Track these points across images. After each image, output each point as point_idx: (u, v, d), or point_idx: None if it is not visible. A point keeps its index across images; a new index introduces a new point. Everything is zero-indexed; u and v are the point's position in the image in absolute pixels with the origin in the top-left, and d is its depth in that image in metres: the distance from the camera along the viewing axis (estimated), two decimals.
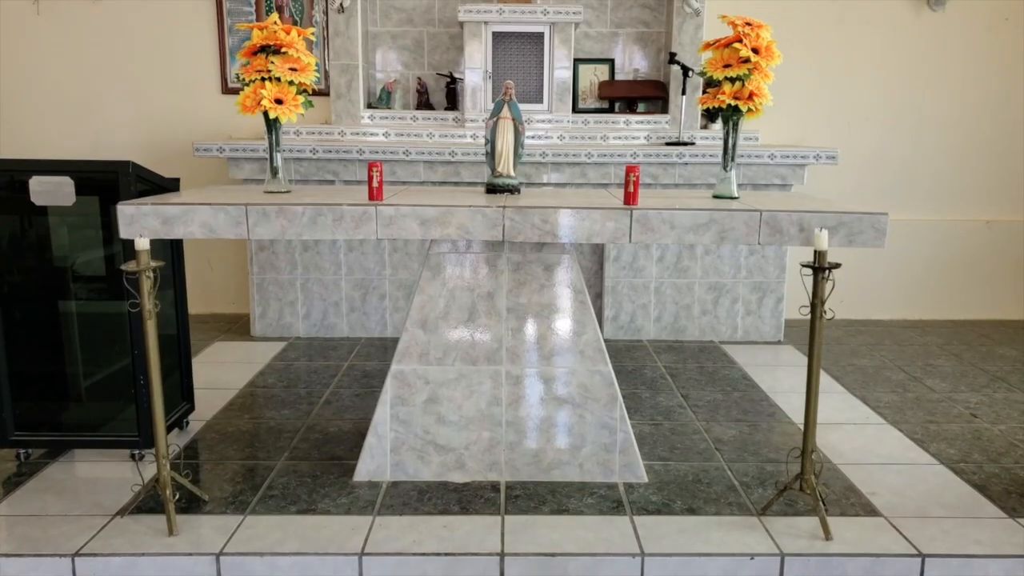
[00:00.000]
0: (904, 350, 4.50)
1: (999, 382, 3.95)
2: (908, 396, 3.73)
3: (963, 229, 5.09)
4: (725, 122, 2.71)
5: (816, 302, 2.36)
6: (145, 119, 4.91)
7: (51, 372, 2.90)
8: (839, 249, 2.40)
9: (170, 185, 2.90)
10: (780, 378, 3.96)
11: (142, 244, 2.28)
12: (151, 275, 2.31)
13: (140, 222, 2.39)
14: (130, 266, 2.30)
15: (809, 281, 2.37)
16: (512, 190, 2.75)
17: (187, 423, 3.25)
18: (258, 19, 4.76)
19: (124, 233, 2.39)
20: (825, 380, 3.88)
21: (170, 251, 3.02)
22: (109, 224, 2.74)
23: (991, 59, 4.92)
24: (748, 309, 4.60)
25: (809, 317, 2.37)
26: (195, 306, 4.16)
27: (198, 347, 4.31)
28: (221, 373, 3.95)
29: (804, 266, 2.37)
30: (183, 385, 3.22)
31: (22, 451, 2.90)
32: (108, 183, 2.64)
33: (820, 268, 2.33)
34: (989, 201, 5.09)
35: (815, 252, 2.34)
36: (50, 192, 2.64)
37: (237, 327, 4.81)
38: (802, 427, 2.50)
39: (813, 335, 2.39)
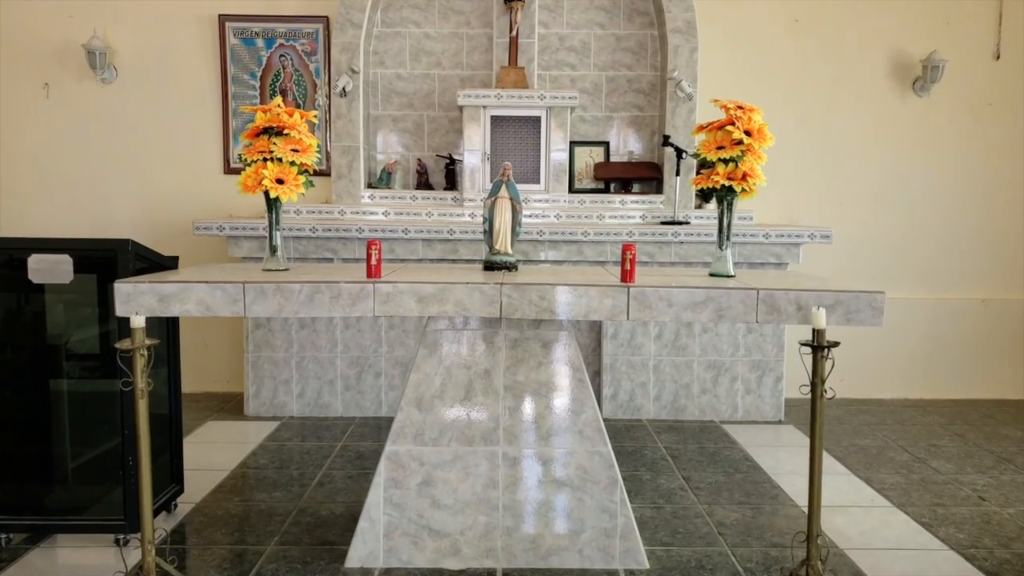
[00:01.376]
0: (907, 430, 4.43)
1: (1005, 463, 3.88)
2: (913, 478, 3.65)
3: (959, 308, 5.10)
4: (719, 202, 2.74)
5: (816, 381, 2.34)
6: (147, 198, 4.98)
7: (37, 453, 2.84)
8: (837, 328, 2.40)
9: (168, 263, 2.91)
10: (782, 459, 3.89)
11: (138, 322, 2.27)
12: (145, 353, 2.29)
13: (137, 300, 2.39)
14: (124, 344, 2.28)
15: (808, 360, 2.36)
16: (509, 267, 2.76)
17: (175, 506, 3.16)
18: (262, 102, 4.89)
19: (120, 311, 2.38)
20: (828, 461, 3.81)
21: (166, 329, 3.01)
22: (106, 302, 2.74)
23: (977, 142, 5.04)
24: (748, 388, 4.56)
25: (810, 396, 2.34)
26: (189, 385, 4.12)
27: (190, 427, 4.24)
28: (212, 453, 3.87)
29: (803, 344, 2.35)
30: (173, 466, 3.14)
31: (3, 536, 2.81)
32: (107, 261, 2.65)
33: (819, 347, 2.32)
34: (984, 280, 5.12)
35: (813, 331, 2.33)
36: (48, 270, 2.64)
37: (230, 406, 4.75)
38: (806, 510, 2.44)
39: (814, 415, 2.35)
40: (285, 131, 2.65)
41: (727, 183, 2.66)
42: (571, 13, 4.92)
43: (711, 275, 2.75)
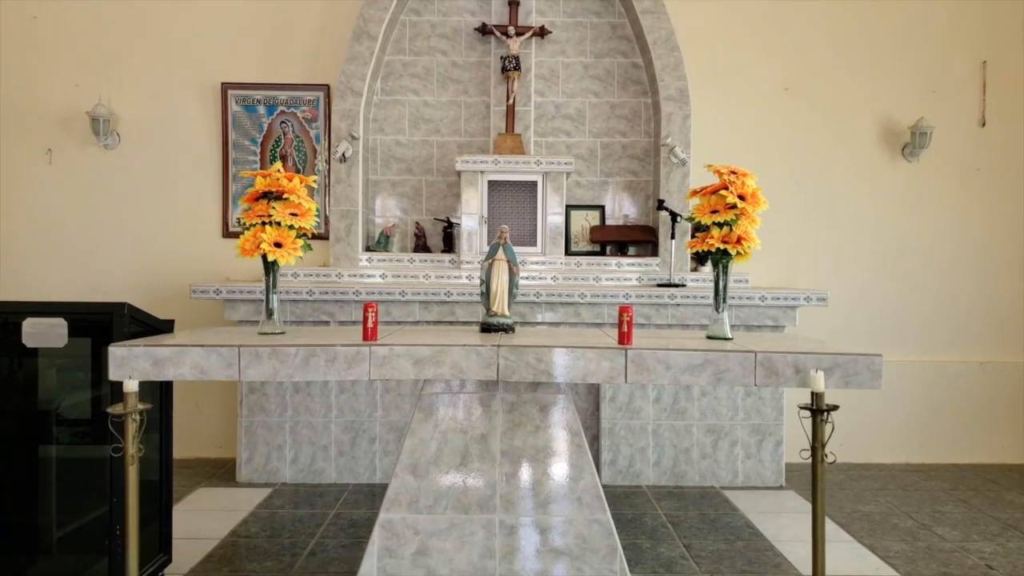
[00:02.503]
0: (910, 495, 4.36)
1: (1011, 530, 3.80)
2: (919, 545, 3.57)
3: (957, 371, 5.08)
4: (715, 265, 2.76)
5: (816, 445, 2.31)
6: (145, 262, 5.00)
7: (22, 521, 2.77)
8: (836, 391, 2.38)
9: (164, 327, 2.90)
10: (784, 525, 3.80)
11: (131, 386, 2.25)
12: (137, 418, 2.26)
13: (131, 364, 2.37)
14: (116, 408, 2.25)
15: (808, 423, 2.33)
16: (507, 329, 2.76)
17: None
18: (262, 167, 4.96)
19: (113, 375, 2.36)
20: (831, 528, 3.73)
21: (159, 393, 2.98)
22: (99, 366, 2.72)
23: (968, 206, 5.11)
24: (748, 452, 4.50)
25: (810, 461, 2.31)
26: (180, 450, 4.05)
27: (180, 493, 4.15)
28: (203, 522, 3.78)
29: (802, 408, 2.33)
30: (161, 535, 3.06)
31: None
32: (102, 324, 2.64)
33: (818, 410, 2.30)
34: (981, 342, 5.12)
35: (812, 394, 2.31)
36: (43, 334, 2.63)
37: (222, 472, 4.66)
38: None
39: (815, 480, 2.32)
40: (284, 195, 2.67)
41: (722, 246, 2.68)
42: (566, 82, 5.05)
43: (709, 337, 2.75)
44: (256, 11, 4.99)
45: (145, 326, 2.79)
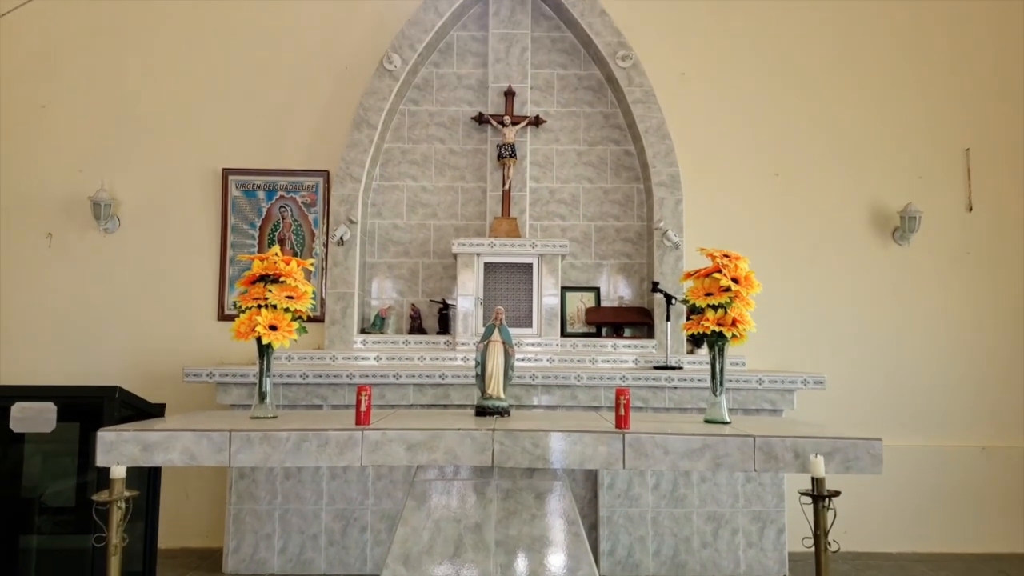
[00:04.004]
0: None
1: None
2: None
3: (959, 455, 5.00)
4: (711, 347, 2.76)
5: (819, 533, 2.25)
6: (139, 344, 4.97)
7: None
8: (837, 476, 2.34)
9: (155, 411, 2.87)
10: None
11: (117, 472, 2.20)
12: (122, 505, 2.20)
13: (119, 449, 2.33)
14: (102, 496, 2.19)
15: (810, 510, 2.28)
16: (502, 412, 2.73)
17: None
18: (260, 251, 5.00)
19: (101, 461, 2.32)
20: None
21: (147, 480, 2.91)
22: (87, 452, 2.67)
23: (960, 289, 5.14)
24: (749, 541, 4.38)
25: (813, 550, 2.25)
26: (166, 539, 3.93)
27: None
28: None
29: (803, 494, 2.29)
30: None
31: None
32: (92, 408, 2.61)
33: (819, 496, 2.25)
34: (981, 427, 5.05)
35: (813, 479, 2.27)
36: (31, 419, 2.59)
37: (208, 563, 4.50)
38: None
39: (820, 570, 2.25)
40: (281, 278, 2.69)
41: (717, 329, 2.68)
42: (560, 168, 5.16)
43: (707, 421, 2.72)
44: (258, 99, 5.14)
45: (136, 410, 2.75)
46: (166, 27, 5.17)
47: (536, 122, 5.06)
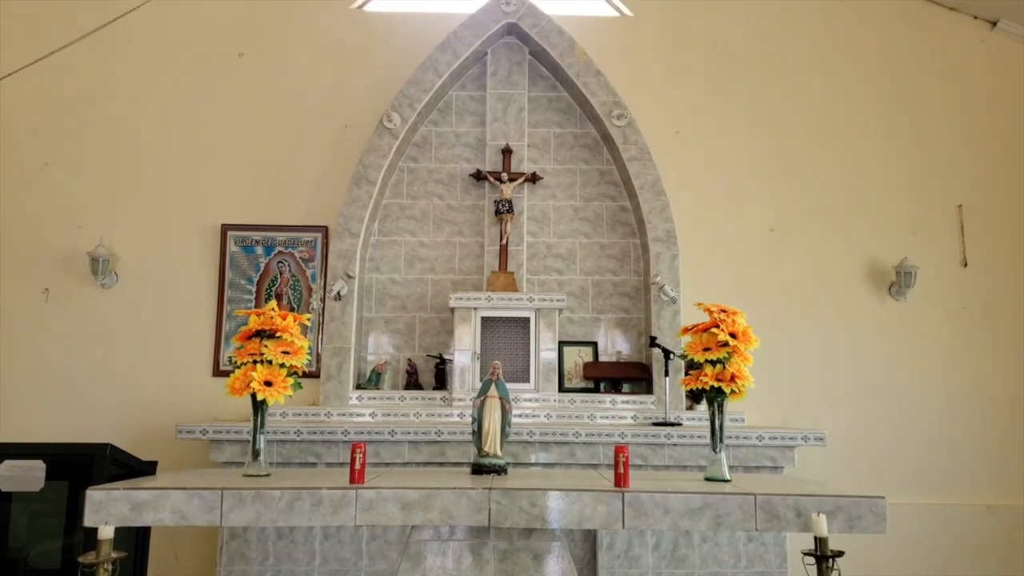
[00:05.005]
0: None
1: None
2: None
3: (964, 514, 4.91)
4: (710, 403, 2.74)
5: None
6: (133, 400, 4.92)
7: None
8: (840, 536, 2.29)
9: (147, 468, 2.83)
10: None
11: (105, 533, 2.15)
12: (109, 567, 2.14)
13: (108, 508, 2.28)
14: (88, 557, 2.14)
15: (813, 571, 2.23)
16: (499, 471, 2.69)
17: None
18: (257, 306, 4.99)
19: (89, 520, 2.27)
20: None
21: (135, 540, 2.85)
22: (75, 511, 2.62)
23: (957, 345, 5.13)
24: None
25: None
26: None
27: None
28: None
29: (806, 554, 2.24)
30: None
31: None
32: (82, 466, 2.56)
33: (823, 556, 2.21)
34: (987, 485, 4.97)
35: (815, 539, 2.23)
36: (19, 477, 2.55)
37: None
38: None
39: None
40: (277, 334, 2.68)
41: (716, 384, 2.67)
42: (557, 224, 5.20)
43: (707, 479, 2.68)
44: (259, 156, 5.20)
45: (127, 468, 2.71)
46: (167, 86, 5.26)
47: (533, 179, 5.13)
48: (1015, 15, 5.32)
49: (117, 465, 2.64)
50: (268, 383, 2.61)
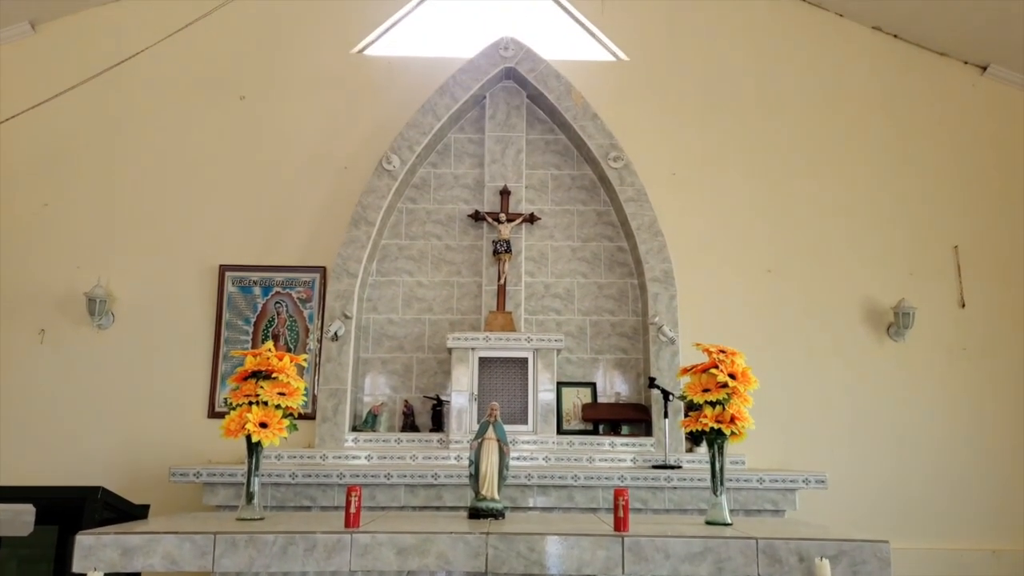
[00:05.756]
0: None
1: None
2: None
3: (969, 559, 4.83)
4: (710, 445, 2.71)
5: None
6: (127, 443, 4.87)
7: None
8: None
9: (139, 512, 2.78)
10: None
11: None
12: None
13: (98, 554, 2.23)
14: None
15: None
16: (496, 515, 2.65)
17: None
18: (254, 347, 4.96)
19: (78, 567, 2.22)
20: None
21: None
22: (64, 556, 2.56)
23: (957, 386, 5.09)
24: None
25: None
26: None
27: None
28: None
29: None
30: None
31: None
32: (73, 510, 2.52)
33: None
34: (991, 528, 4.89)
35: None
36: (7, 521, 2.50)
37: None
38: None
39: None
40: (274, 374, 2.66)
41: (716, 426, 2.64)
42: (555, 264, 5.21)
43: (707, 523, 2.64)
44: (257, 198, 5.23)
45: (119, 512, 2.67)
46: (166, 128, 5.31)
47: (531, 219, 5.15)
48: (1004, 60, 5.42)
49: (108, 509, 2.59)
50: (263, 425, 2.58)
